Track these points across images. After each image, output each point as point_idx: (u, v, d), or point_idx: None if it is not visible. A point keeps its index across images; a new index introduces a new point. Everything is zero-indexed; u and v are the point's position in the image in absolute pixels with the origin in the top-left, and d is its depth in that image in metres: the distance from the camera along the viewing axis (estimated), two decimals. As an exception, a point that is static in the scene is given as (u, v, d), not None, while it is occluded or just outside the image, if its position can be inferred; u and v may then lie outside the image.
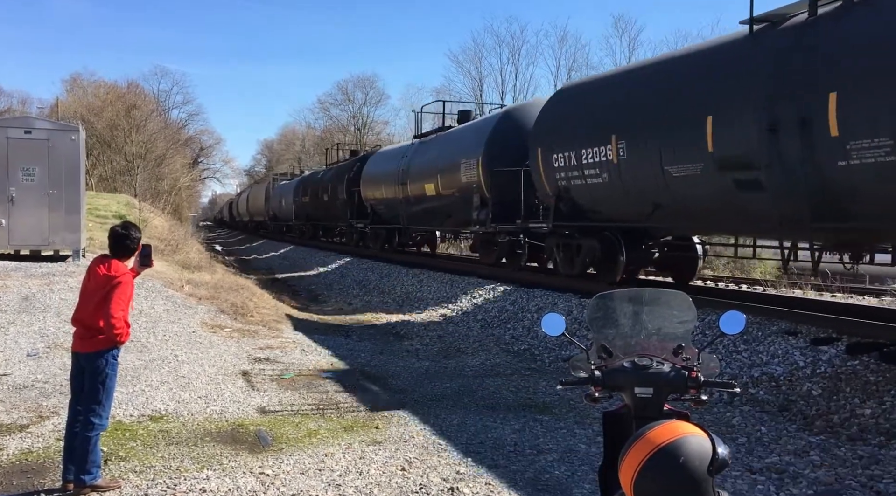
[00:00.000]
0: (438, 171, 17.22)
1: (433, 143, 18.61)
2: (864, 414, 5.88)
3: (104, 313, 4.43)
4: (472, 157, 15.43)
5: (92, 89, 49.24)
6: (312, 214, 31.98)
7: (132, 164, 41.48)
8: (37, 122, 15.20)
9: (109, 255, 4.61)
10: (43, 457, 5.16)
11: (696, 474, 1.91)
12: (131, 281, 4.59)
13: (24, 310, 10.11)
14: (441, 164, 17.17)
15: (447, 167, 16.73)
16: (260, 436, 5.76)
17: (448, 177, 16.66)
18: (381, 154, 23.65)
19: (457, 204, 16.34)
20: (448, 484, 4.70)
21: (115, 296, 4.43)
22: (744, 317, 2.58)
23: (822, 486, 4.69)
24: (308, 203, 32.02)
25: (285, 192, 38.18)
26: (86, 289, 4.60)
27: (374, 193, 21.98)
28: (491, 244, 15.80)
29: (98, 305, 4.46)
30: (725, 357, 7.65)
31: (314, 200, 30.47)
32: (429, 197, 17.87)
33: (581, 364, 2.68)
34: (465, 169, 15.70)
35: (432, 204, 17.90)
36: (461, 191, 15.95)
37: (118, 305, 4.43)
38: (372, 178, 22.45)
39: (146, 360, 8.19)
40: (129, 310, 4.66)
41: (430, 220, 18.98)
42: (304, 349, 9.62)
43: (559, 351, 9.29)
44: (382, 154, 23.48)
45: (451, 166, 16.40)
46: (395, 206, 20.21)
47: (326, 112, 69.60)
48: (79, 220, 14.13)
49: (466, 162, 15.67)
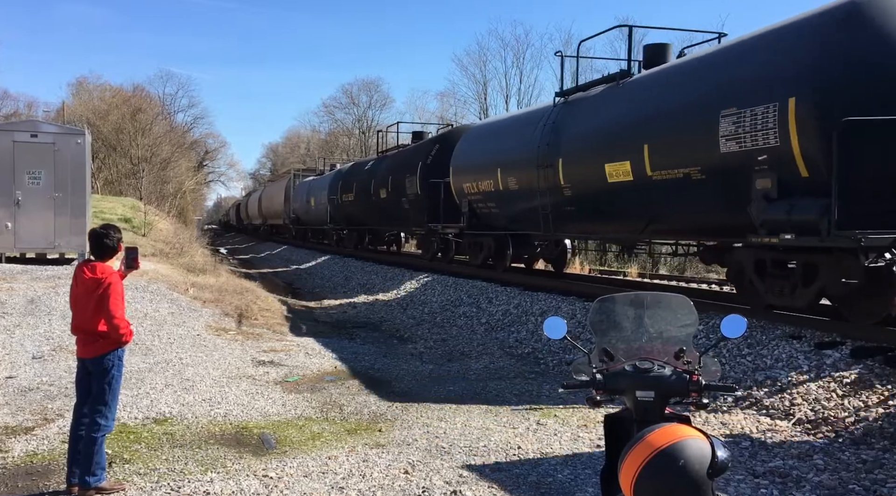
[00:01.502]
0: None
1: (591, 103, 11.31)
2: (868, 418, 5.86)
3: (105, 316, 4.44)
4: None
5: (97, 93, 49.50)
6: (358, 216, 25.22)
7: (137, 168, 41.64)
8: (43, 126, 15.29)
9: (93, 258, 4.63)
10: (48, 459, 5.18)
11: (695, 477, 1.91)
12: (119, 282, 4.61)
13: (29, 313, 10.16)
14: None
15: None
16: (264, 438, 5.78)
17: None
18: (491, 126, 16.14)
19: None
20: (451, 487, 4.71)
21: (111, 297, 4.44)
22: (745, 321, 2.59)
23: (826, 491, 4.68)
24: (352, 202, 25.15)
25: (315, 189, 31.51)
26: (76, 296, 4.60)
27: (480, 184, 14.75)
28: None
29: (94, 310, 4.47)
30: (729, 360, 7.64)
31: (362, 199, 23.67)
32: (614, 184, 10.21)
33: (583, 367, 2.69)
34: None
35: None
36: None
37: (116, 305, 4.45)
38: (475, 164, 15.15)
39: (151, 363, 8.22)
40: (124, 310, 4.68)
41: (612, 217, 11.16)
42: (308, 352, 9.64)
43: (563, 354, 9.29)
44: (493, 126, 16.00)
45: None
46: (528, 200, 12.80)
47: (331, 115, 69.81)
48: (84, 223, 14.19)
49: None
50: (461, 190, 15.82)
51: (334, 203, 27.60)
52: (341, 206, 26.80)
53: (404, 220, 20.64)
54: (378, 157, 24.29)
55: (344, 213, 26.85)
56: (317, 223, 32.00)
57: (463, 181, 15.66)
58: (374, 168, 23.24)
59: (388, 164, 21.81)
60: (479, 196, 14.95)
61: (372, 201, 22.65)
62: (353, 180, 25.08)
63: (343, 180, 26.63)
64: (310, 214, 32.82)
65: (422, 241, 20.73)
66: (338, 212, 27.56)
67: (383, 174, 21.62)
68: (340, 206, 26.90)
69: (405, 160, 20.16)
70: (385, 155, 23.55)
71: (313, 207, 31.69)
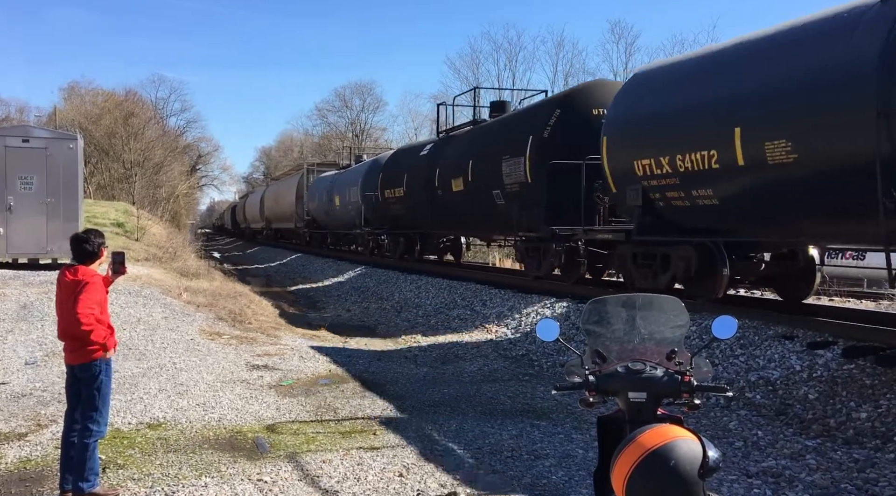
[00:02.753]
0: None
1: None
2: (860, 417, 5.90)
3: (74, 314, 4.37)
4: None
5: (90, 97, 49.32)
6: (409, 218, 19.61)
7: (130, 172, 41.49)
8: (35, 131, 15.26)
9: (75, 263, 4.62)
10: (41, 465, 5.17)
11: (686, 477, 1.93)
12: (100, 283, 4.57)
13: (22, 319, 10.12)
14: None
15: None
16: (258, 443, 5.77)
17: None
18: (705, 60, 9.28)
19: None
20: (445, 489, 4.72)
21: (82, 296, 4.39)
22: (736, 322, 2.61)
23: (819, 490, 4.71)
24: (400, 200, 19.79)
25: (341, 185, 26.19)
26: (59, 301, 4.58)
27: (681, 159, 8.98)
28: None
29: (73, 313, 4.44)
30: (722, 361, 7.68)
31: (418, 194, 18.32)
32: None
33: (576, 369, 2.71)
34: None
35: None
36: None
37: (85, 304, 4.38)
38: (666, 126, 9.39)
39: (144, 368, 8.19)
40: (107, 314, 4.64)
41: None
42: (303, 356, 9.63)
43: (557, 356, 9.31)
44: (714, 57, 9.08)
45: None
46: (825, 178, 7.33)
47: (324, 119, 69.86)
48: (77, 228, 14.12)
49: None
50: (627, 172, 9.99)
51: (371, 201, 21.99)
52: (382, 204, 21.08)
53: (496, 222, 14.67)
54: (441, 138, 18.48)
55: (385, 214, 21.15)
56: (342, 226, 26.40)
57: (633, 156, 9.83)
58: (438, 152, 17.66)
59: (465, 145, 16.20)
60: (674, 180, 9.18)
61: (436, 197, 17.01)
62: (402, 171, 19.46)
63: (386, 172, 20.96)
64: (332, 216, 27.33)
65: (527, 251, 13.87)
66: (376, 212, 21.99)
67: (457, 159, 16.02)
68: (380, 204, 21.19)
69: (501, 135, 14.37)
70: (451, 134, 17.86)
71: (337, 207, 26.28)
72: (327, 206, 27.86)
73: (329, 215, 28.07)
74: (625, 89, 10.75)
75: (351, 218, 24.81)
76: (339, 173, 28.49)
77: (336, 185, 27.21)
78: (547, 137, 12.62)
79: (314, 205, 30.29)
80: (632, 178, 9.95)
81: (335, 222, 27.65)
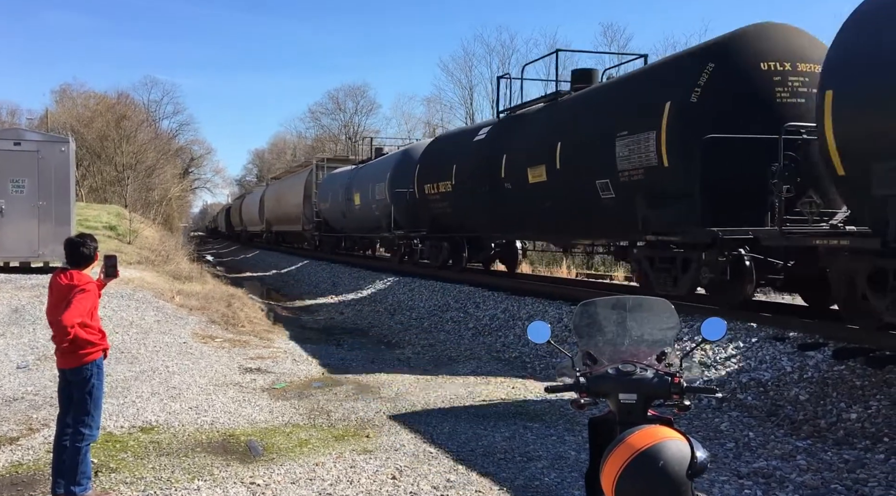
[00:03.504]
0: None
1: None
2: (851, 418, 5.94)
3: (62, 319, 4.33)
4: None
5: (82, 100, 49.19)
6: (457, 219, 16.26)
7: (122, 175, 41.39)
8: (26, 134, 15.21)
9: (69, 267, 4.61)
10: (33, 469, 5.15)
11: (675, 478, 1.95)
12: (95, 290, 4.57)
13: (13, 323, 10.08)
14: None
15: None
16: (251, 446, 5.77)
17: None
18: None
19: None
20: (438, 492, 4.73)
21: (74, 302, 4.36)
22: (725, 324, 2.64)
23: (809, 491, 4.74)
24: (445, 197, 16.40)
25: (361, 182, 22.81)
26: (52, 305, 4.55)
27: None
28: None
29: (62, 317, 4.42)
30: (714, 363, 7.71)
31: (473, 190, 14.93)
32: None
33: (567, 371, 2.73)
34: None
35: None
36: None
37: (77, 310, 4.36)
38: None
39: (136, 372, 8.18)
40: (97, 318, 4.63)
41: None
42: (296, 359, 9.63)
43: (550, 358, 9.33)
44: None
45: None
46: None
47: (317, 121, 69.88)
48: (69, 231, 14.09)
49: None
50: (877, 142, 6.64)
51: (404, 199, 18.88)
52: (419, 203, 17.81)
53: (599, 221, 11.23)
54: (504, 119, 14.55)
55: (423, 214, 17.78)
56: (364, 229, 23.15)
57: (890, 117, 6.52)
58: (502, 135, 14.06)
59: (546, 123, 12.61)
60: None
61: (501, 191, 13.65)
62: (448, 162, 16.03)
63: (424, 164, 17.66)
64: (351, 217, 23.88)
65: (655, 262, 10.07)
66: (409, 212, 18.80)
67: (534, 142, 12.60)
68: (417, 203, 17.89)
69: (612, 106, 10.85)
70: (520, 112, 13.99)
71: (357, 207, 23.01)
72: (344, 206, 24.37)
73: (347, 216, 24.34)
74: (863, 13, 6.93)
75: (375, 219, 21.28)
76: (359, 168, 24.71)
77: (356, 182, 23.57)
78: (696, 102, 8.90)
79: (326, 205, 26.99)
80: (888, 152, 6.40)
81: (354, 224, 24.10)
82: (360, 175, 23.82)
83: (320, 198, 28.29)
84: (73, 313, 4.35)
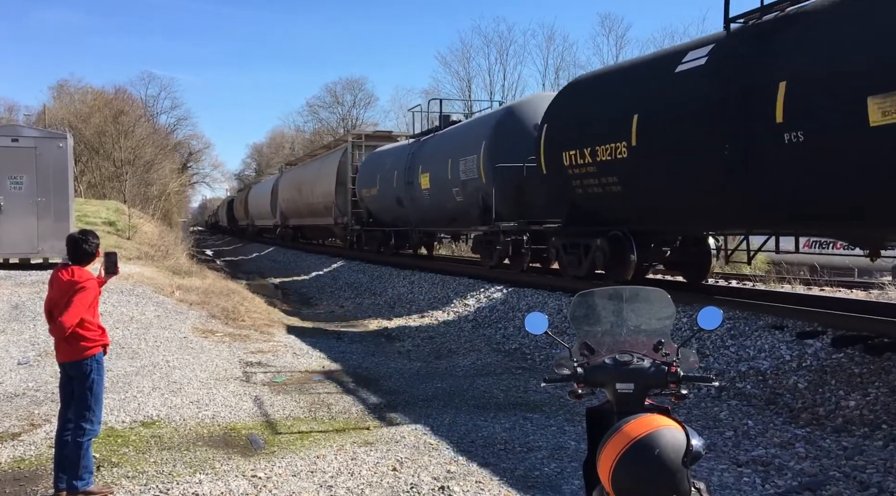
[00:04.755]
0: None
1: None
2: (849, 406, 5.96)
3: (62, 315, 4.39)
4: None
5: (79, 96, 49.05)
6: (635, 202, 9.99)
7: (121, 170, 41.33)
8: (24, 130, 15.18)
9: (70, 263, 4.62)
10: (35, 464, 5.18)
11: (671, 465, 1.96)
12: (96, 287, 4.59)
13: (14, 319, 10.10)
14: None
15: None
16: (252, 439, 5.80)
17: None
18: None
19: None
20: (439, 483, 4.75)
21: (76, 300, 4.41)
22: (721, 313, 2.64)
23: (807, 478, 4.76)
24: (614, 167, 9.86)
25: (434, 156, 16.87)
26: (51, 300, 4.58)
27: None
28: None
29: (62, 313, 4.45)
30: (713, 352, 7.73)
31: (684, 155, 8.64)
32: None
33: (565, 361, 2.74)
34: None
35: None
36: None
37: (76, 310, 4.40)
38: None
39: (137, 366, 8.20)
40: (97, 314, 4.65)
41: None
42: (296, 352, 9.65)
43: (549, 349, 9.35)
44: None
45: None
46: None
47: (315, 115, 69.62)
48: (68, 227, 14.09)
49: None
50: None
51: (517, 178, 13.60)
52: (555, 180, 11.49)
53: None
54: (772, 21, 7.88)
55: (561, 196, 11.66)
56: (438, 220, 17.46)
57: None
58: (772, 45, 7.67)
59: None
60: None
61: (756, 152, 7.72)
62: (621, 110, 9.76)
63: (562, 122, 11.39)
64: (413, 206, 17.98)
65: None
66: (527, 196, 13.58)
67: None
68: (550, 180, 11.72)
69: None
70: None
71: (426, 193, 17.06)
72: (402, 192, 18.27)
73: (407, 204, 18.23)
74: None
75: (459, 208, 15.63)
76: (425, 139, 18.30)
77: (422, 158, 17.41)
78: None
79: (371, 192, 20.97)
80: None
81: (418, 215, 18.10)
82: (428, 149, 17.49)
83: (361, 183, 22.08)
84: (71, 315, 4.40)
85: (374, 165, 21.43)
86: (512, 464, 5.17)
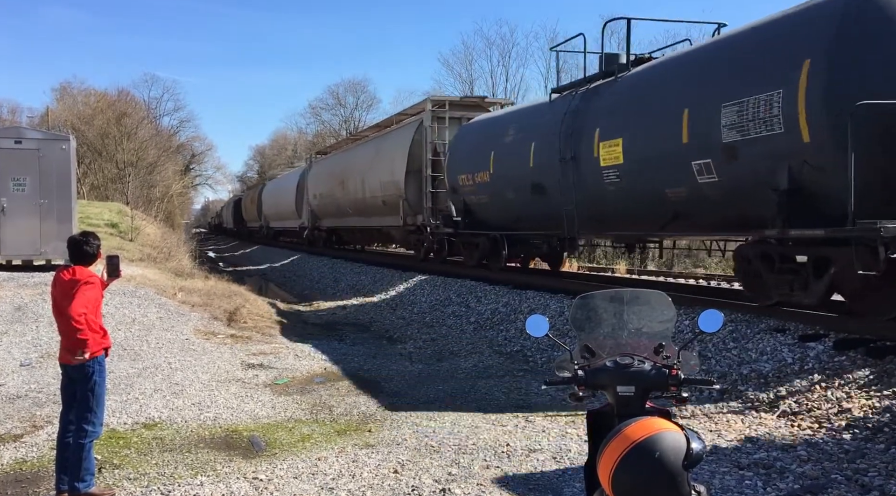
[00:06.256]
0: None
1: None
2: (851, 409, 5.94)
3: (67, 312, 4.39)
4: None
5: (82, 98, 49.16)
6: None
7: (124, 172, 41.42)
8: (27, 132, 15.22)
9: (71, 264, 4.64)
10: (37, 466, 5.19)
11: (671, 469, 1.96)
12: (98, 283, 4.60)
13: (16, 321, 10.12)
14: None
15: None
16: (253, 441, 5.80)
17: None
18: None
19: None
20: (440, 485, 4.75)
21: (78, 294, 4.42)
22: (722, 316, 2.64)
23: (809, 481, 4.75)
24: None
25: (619, 112, 10.05)
26: (55, 301, 4.61)
27: None
28: None
29: (67, 310, 4.46)
30: (715, 354, 7.72)
31: None
32: None
33: (565, 364, 2.74)
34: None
35: None
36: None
37: (79, 304, 4.40)
38: None
39: (139, 368, 8.21)
40: (100, 315, 4.66)
41: None
42: (298, 354, 9.66)
43: (551, 352, 9.34)
44: None
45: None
46: None
47: (318, 117, 69.65)
48: (70, 229, 14.11)
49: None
50: None
51: None
52: None
53: None
54: None
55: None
56: (640, 219, 10.26)
57: None
58: None
59: None
60: None
61: None
62: None
63: None
64: (569, 197, 11.20)
65: None
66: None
67: None
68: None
69: None
70: None
71: (606, 173, 10.24)
72: (550, 174, 11.73)
73: (569, 192, 11.18)
74: None
75: (698, 196, 8.82)
76: (601, 86, 11.09)
77: (605, 114, 10.57)
78: None
79: (479, 178, 14.43)
80: None
81: (598, 208, 10.97)
82: (619, 98, 10.49)
83: (457, 167, 15.43)
84: (78, 303, 4.41)
85: (481, 139, 14.71)
86: (513, 467, 5.16)
